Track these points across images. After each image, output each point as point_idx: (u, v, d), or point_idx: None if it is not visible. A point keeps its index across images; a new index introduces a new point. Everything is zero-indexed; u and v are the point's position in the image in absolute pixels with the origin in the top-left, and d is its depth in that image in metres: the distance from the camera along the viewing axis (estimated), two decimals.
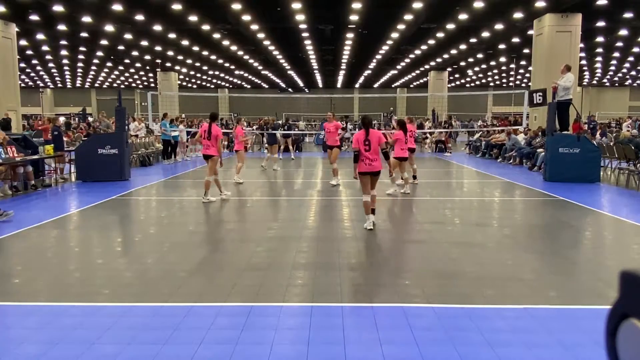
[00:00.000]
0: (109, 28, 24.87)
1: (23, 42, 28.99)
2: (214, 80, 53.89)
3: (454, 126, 33.55)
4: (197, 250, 6.52)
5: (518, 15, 21.84)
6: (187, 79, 50.89)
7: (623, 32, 27.08)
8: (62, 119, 35.10)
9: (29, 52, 34.48)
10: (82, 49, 33.48)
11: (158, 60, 36.35)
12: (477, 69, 44.84)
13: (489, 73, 48.67)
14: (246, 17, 22.38)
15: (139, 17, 22.44)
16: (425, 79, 47.72)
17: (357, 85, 57.53)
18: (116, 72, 47.96)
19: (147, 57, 35.67)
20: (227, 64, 39.18)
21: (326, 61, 38.13)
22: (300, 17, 22.64)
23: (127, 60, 38.80)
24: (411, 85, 57.66)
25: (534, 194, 11.26)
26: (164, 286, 5.03)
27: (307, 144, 30.50)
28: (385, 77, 48.99)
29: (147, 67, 42.30)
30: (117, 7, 20.32)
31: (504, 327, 4.01)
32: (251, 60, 37.09)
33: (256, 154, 23.23)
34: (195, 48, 31.29)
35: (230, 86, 58.88)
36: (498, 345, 3.68)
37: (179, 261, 5.97)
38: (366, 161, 7.40)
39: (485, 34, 26.62)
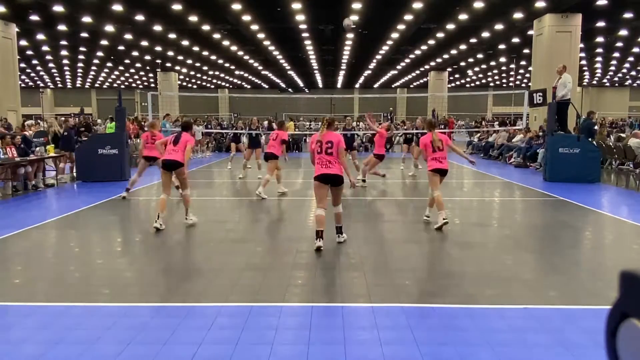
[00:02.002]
0: (109, 28, 24.85)
1: (23, 42, 28.97)
2: (214, 81, 53.85)
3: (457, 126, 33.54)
4: (197, 250, 6.52)
5: (518, 15, 21.83)
6: (187, 79, 50.85)
7: (623, 32, 27.06)
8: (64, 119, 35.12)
9: (29, 52, 34.46)
10: (82, 49, 33.46)
11: (158, 61, 36.33)
12: (477, 69, 44.81)
13: (489, 73, 48.62)
14: (246, 17, 22.37)
15: (139, 17, 22.43)
16: (425, 79, 47.68)
17: (357, 86, 57.50)
18: (116, 72, 47.94)
19: (147, 57, 35.66)
20: (227, 64, 39.17)
21: (326, 61, 38.11)
22: (300, 17, 22.64)
23: (127, 61, 38.79)
24: (411, 86, 57.61)
25: (534, 194, 11.26)
26: (164, 286, 5.03)
27: (306, 144, 30.48)
28: (385, 77, 48.95)
29: (147, 67, 42.28)
30: (117, 7, 20.31)
31: (504, 327, 4.01)
32: (251, 61, 37.08)
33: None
34: (195, 48, 31.27)
35: (230, 86, 58.86)
36: (498, 345, 3.67)
37: (179, 261, 5.97)
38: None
39: (485, 34, 26.61)
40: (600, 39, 28.96)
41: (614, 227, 8.21)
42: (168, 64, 38.61)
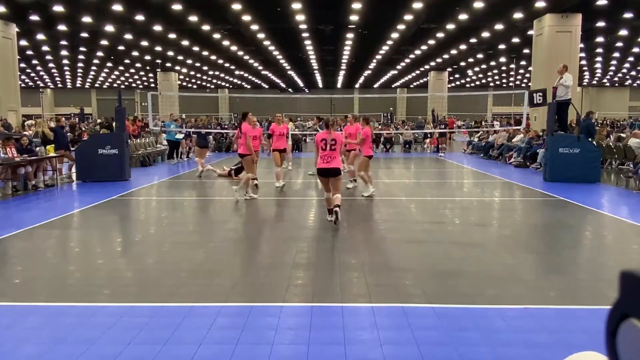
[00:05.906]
0: (109, 28, 24.85)
1: (23, 42, 28.96)
2: (214, 81, 53.84)
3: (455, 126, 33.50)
4: (197, 250, 6.52)
5: (518, 15, 21.83)
6: (187, 79, 50.84)
7: (623, 32, 27.05)
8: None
9: (29, 52, 34.46)
10: (82, 49, 33.45)
11: (158, 61, 36.32)
12: (477, 69, 44.80)
13: (489, 73, 48.62)
14: (246, 17, 22.37)
15: (139, 17, 22.43)
16: (425, 79, 47.67)
17: (357, 86, 57.49)
18: (116, 72, 47.93)
19: (147, 57, 35.66)
20: (227, 64, 39.16)
21: (326, 61, 38.10)
22: (300, 17, 22.63)
23: (127, 61, 38.78)
24: (411, 86, 57.62)
25: (534, 194, 11.26)
26: (164, 286, 5.02)
27: (307, 144, 30.46)
28: (385, 77, 48.95)
29: (147, 67, 42.26)
30: (117, 7, 20.31)
31: (504, 327, 4.01)
32: (251, 61, 37.08)
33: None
34: (195, 48, 31.27)
35: (230, 86, 58.83)
36: (498, 345, 3.67)
37: (179, 261, 5.97)
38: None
39: (485, 34, 26.61)
40: (600, 39, 28.95)
41: (614, 227, 8.20)
42: (168, 64, 38.59)
